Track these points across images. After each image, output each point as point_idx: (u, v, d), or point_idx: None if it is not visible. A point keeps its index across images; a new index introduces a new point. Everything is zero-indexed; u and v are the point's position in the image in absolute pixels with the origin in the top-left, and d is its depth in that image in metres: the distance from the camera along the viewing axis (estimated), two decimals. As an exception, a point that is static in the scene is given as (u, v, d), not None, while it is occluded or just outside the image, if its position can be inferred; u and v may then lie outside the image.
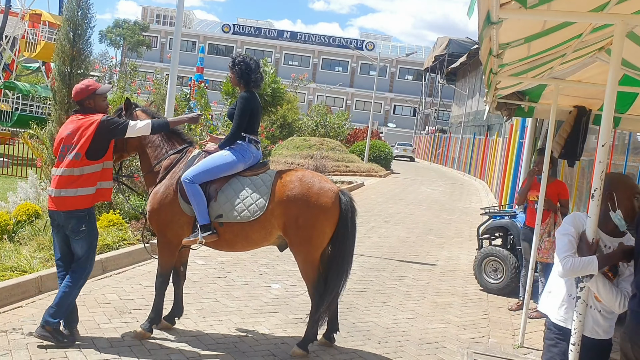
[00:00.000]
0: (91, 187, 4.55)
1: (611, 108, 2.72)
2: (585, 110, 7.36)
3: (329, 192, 4.71)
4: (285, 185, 4.74)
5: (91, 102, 4.72)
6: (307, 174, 4.87)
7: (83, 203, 4.51)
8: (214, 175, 4.79)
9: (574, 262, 2.78)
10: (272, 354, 4.72)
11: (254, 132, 5.08)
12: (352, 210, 4.77)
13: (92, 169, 4.56)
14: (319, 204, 4.65)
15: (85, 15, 7.92)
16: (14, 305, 5.13)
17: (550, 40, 4.03)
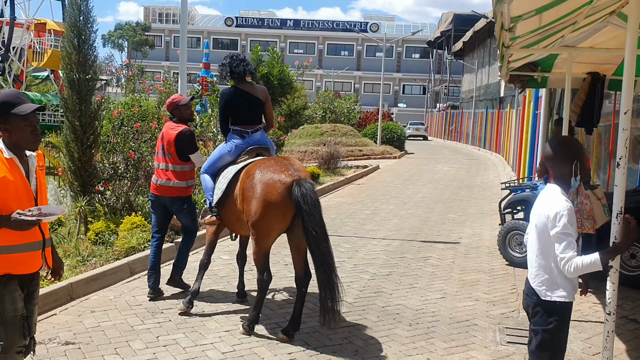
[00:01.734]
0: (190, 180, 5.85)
1: (631, 74, 2.69)
2: (599, 76, 7.28)
3: (277, 184, 4.76)
4: (247, 173, 5.06)
5: (177, 112, 5.87)
6: (269, 164, 5.00)
7: (186, 192, 5.82)
8: (213, 167, 5.58)
9: (577, 265, 2.75)
10: (306, 343, 4.76)
11: (239, 123, 5.45)
12: (305, 202, 4.67)
13: (184, 168, 5.75)
14: (265, 195, 4.77)
15: (87, 19, 7.93)
16: (48, 313, 5.21)
17: (562, 10, 3.98)
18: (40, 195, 3.18)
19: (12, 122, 2.99)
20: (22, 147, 3.06)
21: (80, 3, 7.88)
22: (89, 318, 5.15)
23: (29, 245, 3.07)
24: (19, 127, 3.00)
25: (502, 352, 4.71)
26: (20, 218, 2.86)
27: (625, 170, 2.66)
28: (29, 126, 3.03)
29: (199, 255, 6.29)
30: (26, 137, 3.03)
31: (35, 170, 3.18)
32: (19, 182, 3.02)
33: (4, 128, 3.02)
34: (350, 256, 7.78)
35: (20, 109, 2.99)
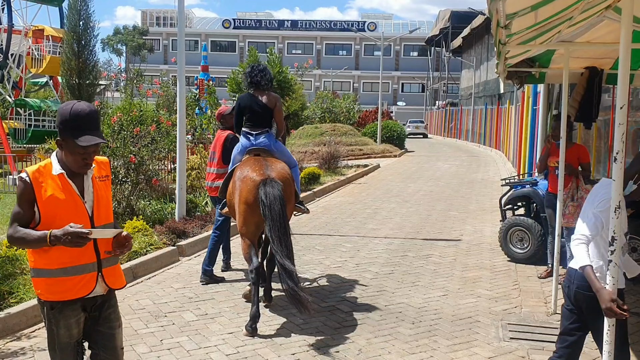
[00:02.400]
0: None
1: (626, 69, 2.70)
2: (597, 71, 7.27)
3: (249, 182, 5.32)
4: (234, 171, 5.65)
5: (224, 120, 6.84)
6: (250, 163, 5.54)
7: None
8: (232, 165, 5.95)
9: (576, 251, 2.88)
10: (309, 344, 4.78)
11: (247, 126, 5.89)
12: (267, 198, 5.11)
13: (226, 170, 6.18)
14: (240, 191, 5.37)
15: (87, 25, 7.94)
16: (52, 319, 5.23)
17: (557, 5, 3.98)
18: (97, 212, 2.88)
19: (68, 142, 2.75)
20: (70, 167, 2.81)
21: (81, 8, 7.89)
22: (92, 323, 5.17)
23: (81, 267, 2.82)
24: (72, 151, 2.75)
25: (505, 348, 4.73)
26: (71, 230, 2.61)
27: (622, 164, 2.67)
28: (83, 154, 2.76)
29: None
30: (76, 161, 2.79)
31: (94, 182, 2.89)
32: (69, 200, 2.78)
33: (60, 144, 2.80)
34: (352, 255, 7.80)
35: (82, 139, 2.72)
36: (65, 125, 2.73)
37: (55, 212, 2.74)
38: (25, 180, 2.76)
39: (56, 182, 2.77)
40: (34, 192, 2.74)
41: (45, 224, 2.74)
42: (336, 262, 7.46)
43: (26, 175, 2.77)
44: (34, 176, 2.76)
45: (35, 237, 2.68)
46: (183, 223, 8.38)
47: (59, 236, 2.62)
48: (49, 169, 2.79)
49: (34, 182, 2.75)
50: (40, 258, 2.81)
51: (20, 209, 2.78)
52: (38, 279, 2.84)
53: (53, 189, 2.75)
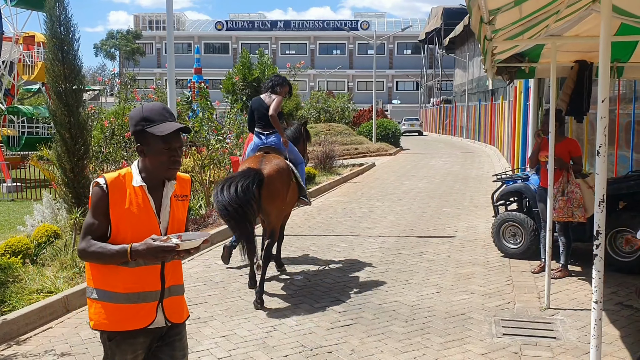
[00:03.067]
0: None
1: (607, 62, 2.69)
2: (586, 64, 7.28)
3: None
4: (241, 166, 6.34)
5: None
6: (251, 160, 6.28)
7: None
8: None
9: None
10: (302, 345, 4.76)
11: (258, 126, 6.66)
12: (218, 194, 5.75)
13: None
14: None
15: (67, 29, 7.85)
16: (44, 327, 5.21)
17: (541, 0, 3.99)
18: (170, 232, 2.57)
19: (149, 143, 2.48)
20: (156, 173, 2.51)
21: (60, 13, 7.81)
22: (85, 330, 5.15)
23: (143, 294, 2.52)
24: (155, 150, 2.47)
25: (498, 345, 4.72)
26: (155, 244, 2.32)
27: (605, 158, 2.66)
28: (168, 150, 2.47)
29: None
30: (162, 161, 2.48)
31: (172, 201, 2.59)
32: (144, 217, 2.49)
33: (141, 149, 2.52)
34: (346, 255, 7.79)
35: (159, 127, 2.45)
36: (140, 125, 2.49)
37: (126, 228, 2.46)
38: (102, 187, 2.47)
39: (134, 194, 2.48)
40: (109, 201, 2.46)
41: (115, 239, 2.47)
42: (330, 262, 7.45)
43: (104, 181, 2.48)
44: (112, 184, 2.48)
45: (114, 252, 2.39)
46: (176, 227, 8.35)
47: (140, 251, 2.33)
48: (129, 178, 2.51)
49: (111, 191, 2.47)
50: (104, 278, 2.49)
51: (94, 220, 2.48)
52: (98, 302, 2.52)
53: (130, 202, 2.47)
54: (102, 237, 2.47)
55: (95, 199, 2.48)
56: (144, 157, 2.51)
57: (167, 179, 2.54)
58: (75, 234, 7.53)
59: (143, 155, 2.52)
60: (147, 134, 2.47)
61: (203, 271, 7.07)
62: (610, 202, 6.81)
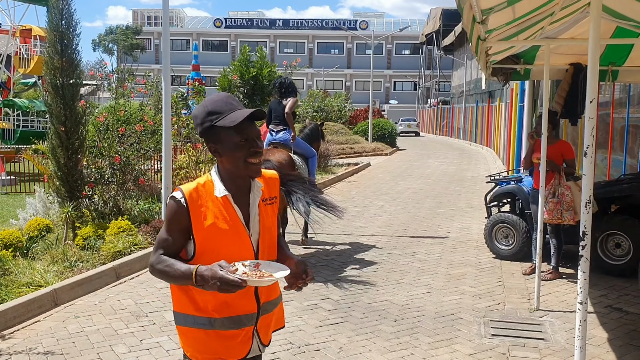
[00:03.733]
0: None
1: (595, 63, 2.69)
2: (581, 67, 7.28)
3: None
4: None
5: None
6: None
7: None
8: None
9: None
10: (290, 342, 4.75)
11: (272, 124, 7.82)
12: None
13: None
14: None
15: (69, 23, 7.84)
16: (32, 320, 5.19)
17: (535, 1, 3.98)
18: (262, 246, 2.25)
19: (221, 140, 2.15)
20: (238, 173, 2.18)
21: (62, 7, 7.80)
22: (72, 324, 5.13)
23: (238, 319, 2.20)
24: (230, 145, 2.13)
25: (486, 345, 4.72)
26: (219, 274, 1.97)
27: (592, 159, 2.66)
28: (245, 142, 2.14)
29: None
30: (240, 157, 2.15)
31: (260, 207, 2.25)
32: (232, 232, 2.16)
33: (214, 149, 2.19)
34: (338, 254, 7.78)
35: (229, 118, 2.12)
36: (207, 122, 2.16)
37: (214, 245, 2.15)
38: (179, 202, 2.14)
39: (218, 206, 2.16)
40: (190, 217, 2.13)
41: (200, 258, 2.14)
42: (322, 260, 7.44)
43: (181, 195, 2.15)
44: (191, 197, 2.15)
45: (179, 273, 2.07)
46: (169, 222, 8.32)
47: (205, 277, 2.00)
48: (210, 188, 2.18)
49: (191, 205, 2.14)
50: (187, 299, 2.19)
51: (168, 236, 2.18)
52: (184, 328, 2.23)
53: (215, 216, 2.15)
54: (174, 255, 2.17)
55: (170, 214, 2.17)
56: (220, 157, 2.18)
57: (251, 176, 2.20)
58: (67, 228, 7.51)
59: (218, 155, 2.18)
60: (217, 130, 2.13)
61: (194, 267, 7.05)
62: (602, 205, 6.82)
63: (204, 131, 2.18)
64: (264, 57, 15.29)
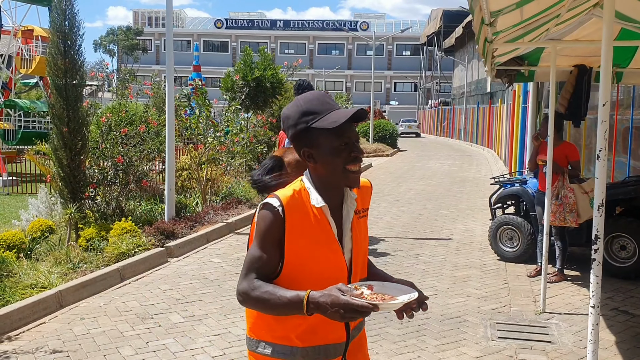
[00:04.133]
0: None
1: (608, 66, 2.68)
2: (585, 69, 7.28)
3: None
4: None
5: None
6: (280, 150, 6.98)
7: None
8: None
9: None
10: (296, 345, 4.74)
11: None
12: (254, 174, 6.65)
13: None
14: None
15: (72, 24, 7.83)
16: (37, 322, 5.18)
17: (543, 3, 3.97)
18: (355, 264, 1.98)
19: (318, 143, 1.89)
20: (335, 182, 1.92)
21: (65, 7, 7.79)
22: (78, 325, 5.12)
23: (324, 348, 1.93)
24: (329, 149, 1.88)
25: (493, 348, 4.71)
26: (343, 300, 1.66)
27: (605, 162, 2.65)
28: (345, 146, 1.88)
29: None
30: (339, 164, 1.88)
31: (353, 222, 1.98)
32: (325, 248, 1.90)
33: (308, 154, 1.92)
34: (342, 255, 7.77)
35: (329, 118, 1.87)
36: (302, 123, 1.90)
37: (305, 263, 1.87)
38: (276, 211, 1.86)
39: (313, 218, 1.89)
40: (285, 229, 1.85)
41: (286, 278, 1.87)
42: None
43: (278, 202, 1.87)
44: (289, 205, 1.87)
45: (285, 301, 1.76)
46: (172, 224, 8.33)
47: (322, 304, 1.69)
48: (305, 197, 1.91)
49: (289, 214, 1.86)
50: (272, 326, 1.92)
51: (261, 253, 1.87)
52: (258, 356, 1.96)
53: (310, 229, 1.87)
54: (268, 276, 1.87)
55: (265, 225, 1.86)
56: (315, 163, 1.91)
57: (349, 186, 1.95)
58: (70, 229, 7.50)
59: (313, 161, 1.91)
60: (314, 132, 1.88)
61: (198, 269, 7.04)
62: (607, 208, 6.81)
63: (298, 134, 1.92)
64: (268, 59, 15.24)
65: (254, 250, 1.89)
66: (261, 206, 1.89)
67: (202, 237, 8.32)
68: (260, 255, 1.87)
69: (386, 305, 1.72)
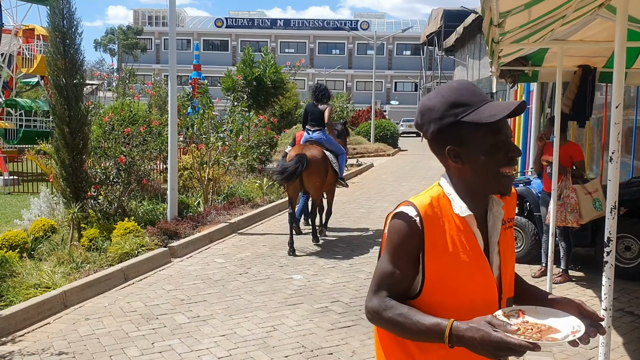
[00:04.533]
0: None
1: (622, 68, 2.67)
2: (590, 69, 7.26)
3: (291, 155, 8.03)
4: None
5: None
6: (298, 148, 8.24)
7: None
8: None
9: None
10: (302, 346, 4.73)
11: (309, 124, 8.65)
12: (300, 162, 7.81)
13: None
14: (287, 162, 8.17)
15: (70, 23, 7.79)
16: (42, 322, 5.17)
17: (551, 3, 3.96)
18: (505, 281, 1.72)
19: (468, 140, 1.63)
20: (485, 188, 1.68)
21: (63, 7, 7.75)
22: (83, 326, 5.11)
23: None
24: (482, 148, 1.62)
25: (500, 349, 4.69)
26: (496, 337, 1.43)
27: (618, 164, 2.64)
28: (503, 144, 1.63)
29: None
30: (493, 166, 1.63)
31: (500, 234, 1.72)
32: (472, 263, 1.63)
33: (455, 153, 1.65)
34: (346, 255, 7.76)
35: (485, 111, 1.61)
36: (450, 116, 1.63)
37: (450, 282, 1.61)
38: (412, 221, 1.62)
39: (457, 229, 1.63)
40: (425, 242, 1.61)
41: (428, 298, 1.63)
42: (330, 262, 7.42)
43: (415, 212, 1.63)
44: (427, 215, 1.63)
45: (422, 328, 1.55)
46: (175, 224, 8.32)
47: (467, 339, 1.48)
48: (445, 204, 1.66)
49: (427, 226, 1.62)
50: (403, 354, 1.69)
51: (394, 268, 1.65)
52: None
53: (453, 242, 1.62)
54: (402, 294, 1.65)
55: (399, 238, 1.64)
56: (462, 164, 1.65)
57: (502, 192, 1.68)
58: (73, 229, 7.48)
59: (460, 161, 1.65)
60: (464, 127, 1.62)
61: (202, 269, 7.02)
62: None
63: (443, 129, 1.65)
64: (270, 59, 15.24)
65: (385, 264, 1.67)
66: (393, 215, 1.66)
67: (205, 237, 8.31)
68: (392, 271, 1.66)
69: (546, 344, 1.46)
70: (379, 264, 1.70)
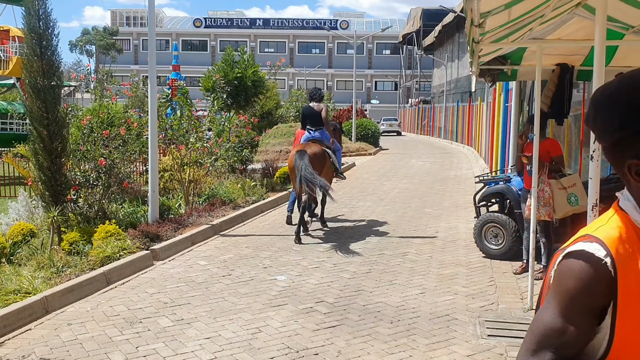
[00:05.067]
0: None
1: (601, 66, 2.70)
2: (568, 68, 7.35)
3: (290, 155, 8.96)
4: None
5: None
6: (300, 146, 9.00)
7: None
8: None
9: None
10: (287, 347, 4.72)
11: (309, 124, 9.41)
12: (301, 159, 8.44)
13: None
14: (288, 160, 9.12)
15: (47, 24, 7.67)
16: (23, 329, 5.09)
17: (530, 3, 4.00)
18: None
19: None
20: None
21: (39, 7, 7.63)
22: (65, 331, 5.05)
23: None
24: None
25: (483, 346, 4.74)
26: None
27: (599, 162, 2.68)
28: None
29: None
30: None
31: None
32: None
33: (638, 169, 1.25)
34: (329, 256, 7.76)
35: None
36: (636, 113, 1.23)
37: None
38: (603, 265, 1.22)
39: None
40: (618, 291, 1.22)
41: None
42: (313, 262, 7.42)
43: (604, 251, 1.23)
44: (619, 254, 1.23)
45: None
46: (156, 226, 8.25)
47: None
48: (632, 236, 1.27)
49: (621, 269, 1.22)
50: None
51: (566, 324, 1.25)
52: None
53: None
54: (571, 357, 1.27)
55: (580, 285, 1.24)
56: None
57: None
58: (53, 233, 7.38)
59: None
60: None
61: (184, 272, 6.98)
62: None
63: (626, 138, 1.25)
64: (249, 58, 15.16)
65: (551, 317, 1.27)
66: (568, 254, 1.27)
67: (187, 239, 8.25)
68: (562, 328, 1.25)
69: None
70: (542, 317, 1.30)
